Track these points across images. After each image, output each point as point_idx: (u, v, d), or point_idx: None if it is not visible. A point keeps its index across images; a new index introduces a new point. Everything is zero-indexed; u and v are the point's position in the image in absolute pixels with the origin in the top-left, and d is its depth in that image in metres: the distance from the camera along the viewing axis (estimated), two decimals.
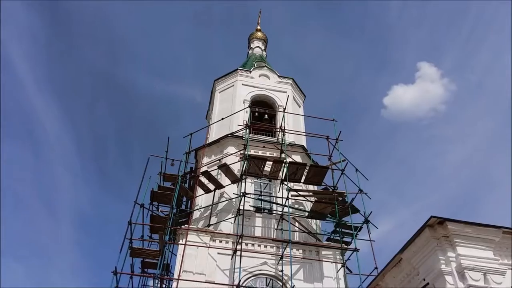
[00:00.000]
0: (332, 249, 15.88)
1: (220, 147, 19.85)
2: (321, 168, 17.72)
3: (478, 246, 10.85)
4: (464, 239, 10.90)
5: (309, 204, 17.48)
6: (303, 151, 20.08)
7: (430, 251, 11.13)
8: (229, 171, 17.56)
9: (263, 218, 17.31)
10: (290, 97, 22.66)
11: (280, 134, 19.92)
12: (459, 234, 10.93)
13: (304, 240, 16.39)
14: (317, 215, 16.91)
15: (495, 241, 10.95)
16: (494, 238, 10.96)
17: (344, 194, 17.03)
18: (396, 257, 12.28)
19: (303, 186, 18.18)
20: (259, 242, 15.93)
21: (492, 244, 10.93)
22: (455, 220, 11.01)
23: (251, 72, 23.69)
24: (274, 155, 19.24)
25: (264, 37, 29.24)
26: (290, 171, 17.23)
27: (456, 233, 10.93)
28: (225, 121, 20.67)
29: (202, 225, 17.07)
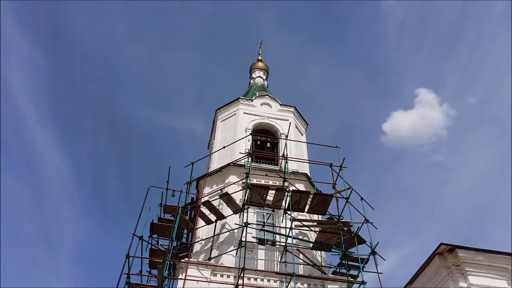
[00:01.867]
0: (338, 282, 15.09)
1: (222, 176, 19.47)
2: (325, 196, 17.16)
3: (491, 275, 10.25)
4: (476, 267, 10.33)
5: (313, 235, 16.84)
6: (306, 179, 19.62)
7: (441, 280, 10.55)
8: (231, 201, 17.09)
9: (266, 250, 16.67)
10: (292, 124, 22.41)
11: (282, 162, 19.51)
12: (470, 262, 10.38)
13: (308, 273, 15.66)
14: (322, 246, 16.22)
15: (508, 269, 10.33)
16: (508, 266, 10.34)
17: (349, 224, 16.39)
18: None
19: (307, 216, 17.58)
20: (262, 276, 15.22)
21: (506, 273, 10.33)
22: (466, 247, 10.47)
23: (252, 100, 23.61)
24: (277, 183, 18.75)
25: (265, 67, 29.39)
26: (293, 200, 16.70)
27: (467, 261, 10.38)
28: (226, 150, 20.38)
29: (203, 258, 16.46)
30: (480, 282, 10.05)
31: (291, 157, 19.55)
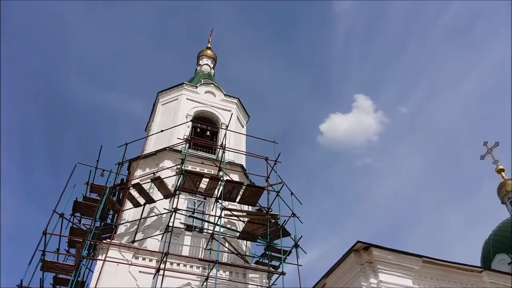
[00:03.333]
0: (260, 272, 15.38)
1: (156, 160, 19.04)
2: (258, 188, 17.37)
3: (399, 273, 10.89)
4: (387, 266, 10.92)
5: (242, 225, 17.00)
6: (241, 171, 19.73)
7: (353, 276, 11.04)
8: (163, 185, 16.78)
9: (193, 237, 16.57)
10: (234, 115, 22.41)
11: (220, 151, 19.48)
12: (382, 260, 10.96)
13: (232, 261, 15.79)
14: (248, 236, 16.43)
15: (414, 269, 11.04)
16: (414, 267, 11.06)
17: (277, 217, 16.72)
18: (320, 282, 12.07)
19: (237, 206, 17.72)
20: (185, 262, 15.13)
21: (412, 273, 11.02)
22: (379, 247, 11.03)
23: (197, 87, 23.28)
24: (212, 172, 18.68)
25: (214, 55, 29.05)
26: (226, 190, 16.74)
27: (379, 259, 10.94)
28: (164, 134, 19.95)
29: (127, 241, 16.01)
30: (388, 279, 10.66)
31: (229, 148, 19.54)
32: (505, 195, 32.12)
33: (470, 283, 11.73)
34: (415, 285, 10.83)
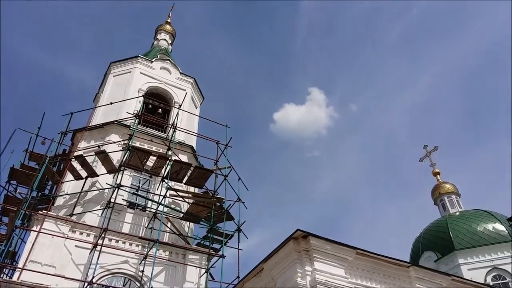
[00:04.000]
0: (200, 254, 15.47)
1: (103, 133, 18.41)
2: (206, 171, 17.33)
3: (333, 263, 11.32)
4: (322, 255, 11.31)
5: (186, 206, 16.93)
6: (191, 152, 19.55)
7: (290, 263, 11.33)
8: (107, 160, 16.29)
9: (135, 215, 16.30)
10: (188, 95, 22.07)
11: (171, 130, 19.17)
12: (319, 249, 11.32)
13: (173, 242, 15.73)
14: (192, 218, 16.41)
15: (348, 260, 11.54)
16: (348, 257, 11.55)
17: (222, 200, 16.82)
18: (258, 267, 12.31)
19: (183, 187, 17.60)
20: (124, 239, 14.89)
21: (345, 263, 11.51)
22: (318, 236, 11.38)
23: (152, 62, 22.63)
24: (161, 151, 18.37)
25: (173, 31, 28.25)
26: (173, 169, 16.57)
27: (316, 248, 11.30)
28: (113, 107, 19.27)
29: (64, 213, 15.44)
30: (323, 268, 11.06)
31: (180, 128, 19.29)
32: (438, 197, 34.20)
33: (397, 276, 12.42)
34: (346, 275, 11.31)
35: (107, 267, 14.01)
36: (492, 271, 25.80)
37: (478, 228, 27.93)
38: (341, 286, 10.95)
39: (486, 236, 27.24)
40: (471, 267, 26.01)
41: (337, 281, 10.97)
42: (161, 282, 14.36)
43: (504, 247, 26.21)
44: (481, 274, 25.19)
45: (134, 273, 14.30)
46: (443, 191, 34.11)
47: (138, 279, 14.13)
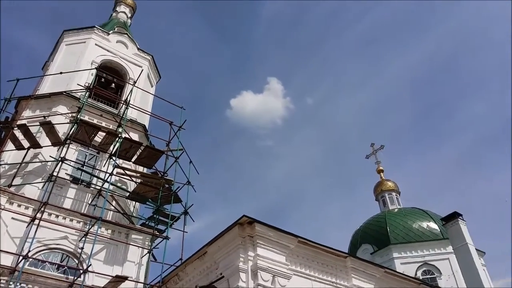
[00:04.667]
0: (143, 234, 15.29)
1: (50, 104, 17.55)
2: (157, 151, 17.02)
3: (275, 249, 11.66)
4: (266, 241, 11.61)
5: (133, 185, 16.62)
6: (142, 131, 19.13)
7: (234, 247, 11.53)
8: (52, 132, 15.60)
9: (78, 190, 15.78)
10: (144, 72, 21.50)
11: (123, 107, 18.66)
12: (263, 236, 11.60)
13: (116, 221, 15.42)
14: (138, 198, 16.15)
15: (290, 247, 11.92)
16: (290, 245, 11.93)
17: (171, 182, 16.65)
18: (201, 250, 12.41)
19: (132, 166, 17.23)
20: (65, 215, 14.40)
21: (287, 250, 11.88)
22: (262, 223, 11.65)
23: (109, 34, 21.76)
24: (111, 127, 17.85)
25: (133, 4, 27.18)
26: (122, 147, 16.14)
27: (260, 234, 11.57)
28: (63, 77, 18.40)
29: (3, 184, 14.63)
30: (265, 254, 11.37)
31: (133, 105, 18.82)
32: (380, 193, 35.84)
33: (335, 266, 13.00)
34: (287, 262, 11.70)
35: (45, 242, 13.53)
36: (423, 266, 27.55)
37: (413, 225, 29.62)
38: (281, 272, 11.30)
39: (420, 233, 28.97)
40: (404, 261, 27.62)
41: (277, 267, 11.31)
42: (101, 260, 14.07)
43: (436, 244, 28.04)
44: (412, 268, 26.83)
45: (73, 249, 13.91)
46: (385, 188, 35.77)
47: (76, 256, 13.77)
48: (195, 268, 12.79)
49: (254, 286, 10.77)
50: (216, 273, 11.60)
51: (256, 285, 10.76)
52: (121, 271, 14.09)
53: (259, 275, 10.92)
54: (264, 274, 10.98)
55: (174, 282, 13.60)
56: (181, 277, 13.33)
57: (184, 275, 13.21)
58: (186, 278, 13.16)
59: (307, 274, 12.22)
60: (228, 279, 11.02)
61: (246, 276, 10.93)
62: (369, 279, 13.42)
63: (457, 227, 24.01)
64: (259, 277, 10.90)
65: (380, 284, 13.81)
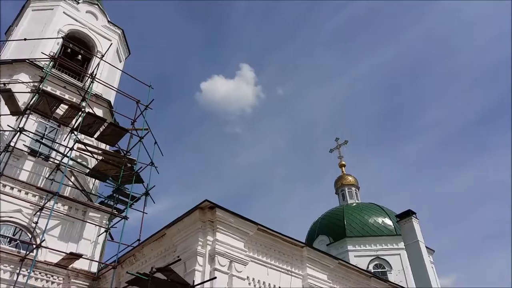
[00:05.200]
0: (102, 212, 15.01)
1: (11, 71, 16.75)
2: (121, 129, 16.66)
3: (235, 236, 11.73)
4: (226, 227, 11.65)
5: (94, 162, 16.21)
6: (107, 107, 18.64)
7: (193, 231, 11.51)
8: (12, 100, 14.94)
9: (36, 163, 15.25)
10: (113, 46, 20.89)
11: (88, 80, 18.09)
12: (223, 221, 11.63)
13: (74, 197, 15.04)
14: (98, 175, 15.81)
15: (249, 234, 12.04)
16: (249, 232, 12.04)
17: (134, 162, 16.36)
18: (160, 232, 12.32)
19: (94, 143, 16.79)
20: (21, 187, 13.91)
21: (246, 237, 11.99)
22: (224, 208, 11.67)
23: (78, 3, 20.86)
24: (74, 100, 17.29)
25: None
26: (85, 122, 15.68)
27: (221, 220, 11.59)
28: (27, 44, 17.58)
29: None
30: (224, 239, 11.41)
31: (99, 79, 18.27)
32: (340, 187, 36.72)
33: (291, 255, 13.24)
34: (245, 248, 11.81)
35: None
36: (375, 260, 28.60)
37: (369, 220, 30.60)
38: (239, 258, 11.41)
39: (375, 228, 29.98)
40: (357, 254, 28.55)
41: (235, 253, 11.41)
42: (56, 236, 13.74)
43: (388, 240, 29.12)
44: (365, 261, 27.80)
45: (26, 223, 13.49)
46: (345, 183, 36.66)
47: (30, 230, 13.37)
48: (152, 250, 12.69)
49: (210, 270, 10.83)
50: (173, 256, 11.55)
51: (213, 269, 10.81)
52: (76, 248, 13.83)
53: (217, 260, 10.98)
54: (222, 259, 11.05)
55: (130, 263, 13.45)
56: (137, 258, 13.20)
57: (140, 256, 13.09)
58: (143, 259, 13.04)
59: (263, 261, 12.40)
60: (185, 262, 11.01)
61: (203, 260, 10.96)
62: (323, 270, 13.78)
63: (410, 224, 25.03)
64: (216, 261, 10.96)
65: (333, 275, 14.22)
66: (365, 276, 15.52)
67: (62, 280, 13.28)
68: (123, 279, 13.03)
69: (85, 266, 13.94)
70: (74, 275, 13.39)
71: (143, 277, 9.37)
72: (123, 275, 13.27)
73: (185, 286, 9.98)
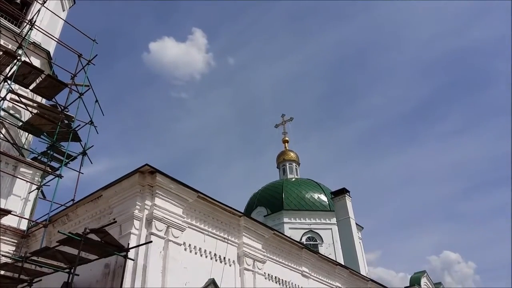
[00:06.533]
0: (34, 169, 14.25)
1: None
2: (59, 82, 15.65)
3: (174, 202, 11.69)
4: (165, 192, 11.56)
5: (28, 116, 15.24)
6: (46, 58, 17.43)
7: (131, 195, 11.31)
8: None
9: None
10: None
11: (26, 27, 16.72)
12: (163, 187, 11.52)
13: (4, 150, 14.11)
14: (32, 129, 14.89)
15: (188, 201, 12.05)
16: (189, 199, 12.05)
17: (72, 119, 15.57)
18: (96, 193, 11.99)
19: (29, 95, 15.73)
20: None
21: (185, 204, 12.00)
22: (165, 174, 11.54)
23: None
24: (9, 47, 15.97)
25: None
26: (20, 71, 14.57)
27: (160, 185, 11.47)
28: None
29: None
30: (162, 205, 11.33)
31: (39, 27, 16.94)
32: (281, 162, 37.63)
33: (229, 223, 13.48)
34: (183, 215, 11.83)
35: None
36: (308, 233, 29.95)
37: (306, 195, 31.79)
38: (176, 223, 11.43)
39: (310, 203, 31.23)
40: (292, 227, 29.73)
41: (173, 219, 11.41)
42: None
43: (322, 215, 30.53)
44: (299, 233, 29.03)
45: None
46: (287, 158, 37.63)
47: None
48: (87, 211, 12.34)
49: (147, 234, 10.76)
50: (109, 218, 11.29)
51: (149, 233, 10.75)
52: (4, 204, 13.09)
53: (153, 224, 10.91)
54: (159, 223, 11.00)
55: (63, 222, 13.00)
56: (70, 218, 12.78)
57: (74, 216, 12.68)
58: (76, 220, 12.66)
59: (201, 228, 12.51)
60: (121, 225, 10.83)
61: (139, 224, 10.85)
62: (258, 239, 14.20)
63: (343, 202, 26.38)
64: (153, 226, 10.89)
65: (268, 244, 14.72)
66: (297, 247, 16.22)
67: None
68: (54, 238, 12.61)
69: (14, 223, 13.29)
70: (1, 231, 12.74)
71: (75, 237, 9.10)
72: (54, 234, 12.84)
73: (119, 248, 9.85)
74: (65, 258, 9.89)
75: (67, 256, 9.78)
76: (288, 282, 15.26)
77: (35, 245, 12.91)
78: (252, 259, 13.67)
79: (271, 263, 14.78)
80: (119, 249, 9.82)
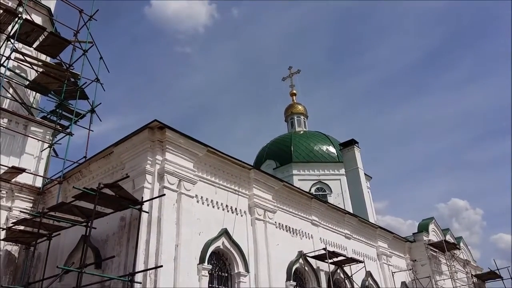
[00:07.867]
0: (44, 127, 14.39)
1: None
2: (62, 40, 15.43)
3: (184, 156, 11.84)
4: (175, 147, 11.69)
5: (34, 74, 15.18)
6: (47, 14, 17.09)
7: (142, 150, 11.45)
8: None
9: None
10: None
11: None
12: (173, 142, 11.63)
13: (14, 110, 14.21)
14: (40, 88, 14.88)
15: (198, 155, 12.19)
16: (199, 153, 12.19)
17: (78, 76, 15.49)
18: (107, 149, 12.15)
19: (33, 53, 15.58)
20: None
21: (196, 158, 12.14)
22: (174, 129, 11.61)
23: None
24: (10, 4, 15.65)
25: None
26: (23, 30, 14.36)
27: (170, 140, 11.58)
28: None
29: None
30: (173, 159, 11.49)
31: None
32: (289, 115, 37.46)
33: (239, 176, 13.69)
34: (194, 169, 12.01)
35: None
36: (317, 184, 30.33)
37: (314, 147, 31.90)
38: (187, 177, 11.64)
39: (319, 155, 31.40)
40: (301, 178, 30.08)
41: (184, 173, 11.60)
42: None
43: (331, 166, 30.78)
44: (308, 185, 29.41)
45: None
46: (295, 111, 37.42)
47: None
48: (99, 167, 12.57)
49: (159, 188, 11.00)
50: (121, 173, 11.50)
51: (162, 187, 10.99)
52: (18, 162, 13.36)
53: (166, 178, 11.12)
54: (171, 177, 11.20)
55: (77, 179, 13.31)
56: (84, 174, 13.06)
57: (87, 172, 12.95)
58: (90, 176, 12.93)
59: (212, 181, 12.73)
60: (134, 179, 11.06)
61: (152, 178, 11.06)
62: (268, 190, 14.46)
63: (352, 152, 26.50)
64: (166, 180, 11.11)
65: (278, 195, 15.00)
66: (307, 197, 16.52)
67: (6, 193, 12.98)
68: (69, 194, 12.97)
69: (29, 180, 13.63)
70: (17, 189, 13.10)
71: (90, 192, 9.34)
72: (70, 190, 13.18)
73: (133, 202, 10.11)
74: (81, 213, 10.20)
75: (83, 211, 10.08)
76: (298, 231, 15.68)
77: (52, 201, 13.30)
78: (262, 209, 13.99)
79: (282, 213, 15.13)
80: (134, 203, 10.08)
